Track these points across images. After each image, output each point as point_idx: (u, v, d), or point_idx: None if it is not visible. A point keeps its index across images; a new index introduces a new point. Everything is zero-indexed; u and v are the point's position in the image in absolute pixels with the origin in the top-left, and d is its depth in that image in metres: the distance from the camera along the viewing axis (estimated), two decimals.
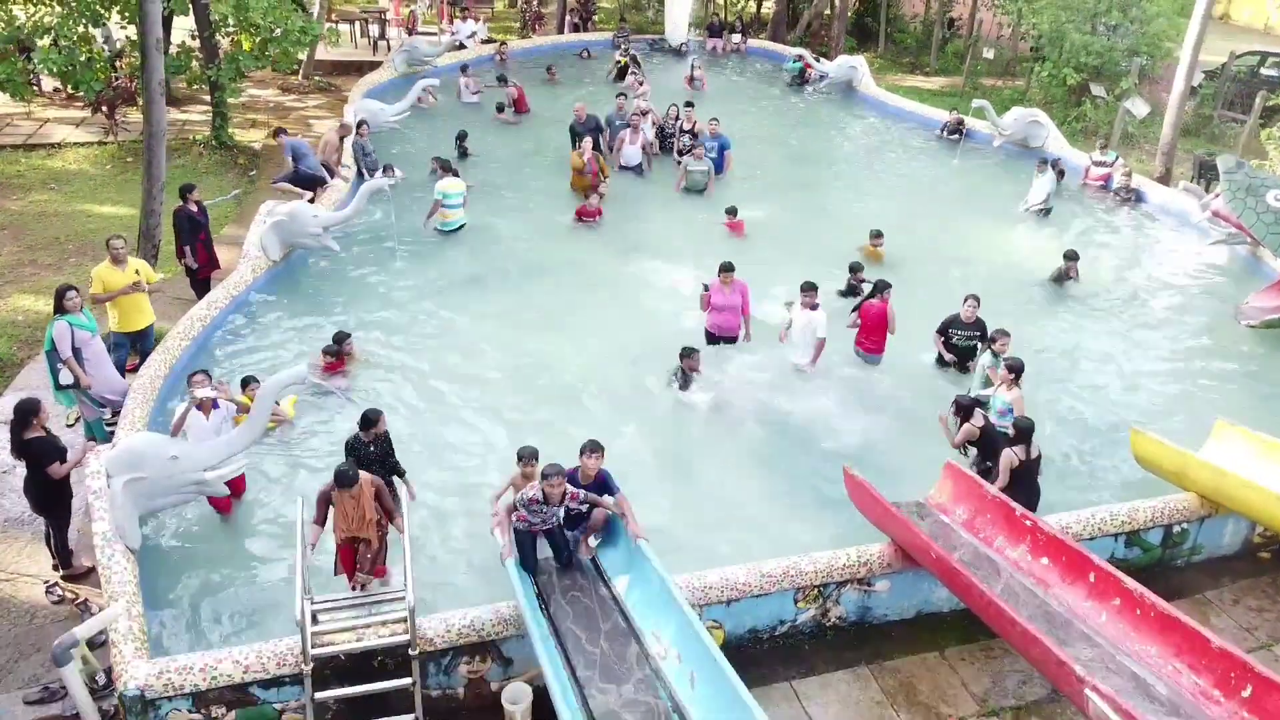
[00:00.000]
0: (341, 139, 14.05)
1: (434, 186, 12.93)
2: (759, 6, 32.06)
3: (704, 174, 14.76)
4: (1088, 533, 7.42)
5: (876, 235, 12.85)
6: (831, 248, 13.20)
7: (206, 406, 7.49)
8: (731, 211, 13.41)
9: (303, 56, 20.50)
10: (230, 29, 15.95)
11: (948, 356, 10.05)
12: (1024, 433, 7.96)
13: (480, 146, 16.32)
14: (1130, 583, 5.89)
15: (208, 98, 16.98)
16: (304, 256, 11.97)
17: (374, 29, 24.66)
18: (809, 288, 9.68)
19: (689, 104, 16.06)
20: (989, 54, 24.84)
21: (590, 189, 14.20)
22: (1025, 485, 7.86)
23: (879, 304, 9.95)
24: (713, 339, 10.30)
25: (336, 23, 24.62)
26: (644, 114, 15.68)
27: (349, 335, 9.65)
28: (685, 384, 9.56)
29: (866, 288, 10.73)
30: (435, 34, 24.60)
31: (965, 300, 9.77)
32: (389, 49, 22.19)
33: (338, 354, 9.42)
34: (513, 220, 13.73)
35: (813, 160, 17.34)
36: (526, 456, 7.07)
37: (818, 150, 17.99)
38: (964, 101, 23.04)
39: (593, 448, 6.82)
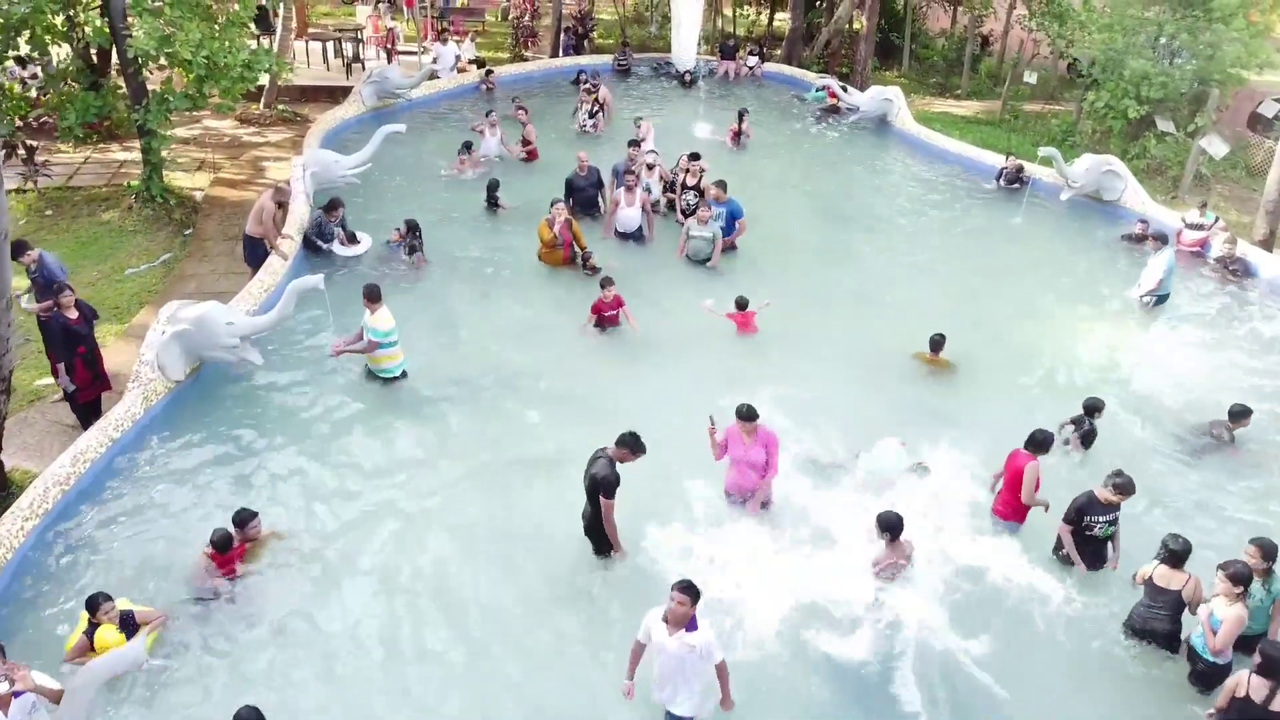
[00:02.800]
0: (279, 205, 11.38)
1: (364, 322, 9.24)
2: (771, 20, 29.50)
3: (708, 241, 11.99)
4: None
5: (938, 342, 10.05)
6: (873, 348, 10.56)
7: (4, 701, 5.02)
8: (741, 304, 10.61)
9: (264, 82, 17.99)
10: (160, 64, 13.31)
11: (1078, 561, 7.21)
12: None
13: (449, 207, 13.80)
14: None
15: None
16: (216, 372, 9.34)
17: (348, 48, 21.98)
18: (685, 588, 5.51)
19: (694, 155, 13.26)
20: (1030, 79, 22.30)
21: (564, 263, 11.78)
22: None
23: (1022, 456, 7.54)
24: (730, 498, 7.87)
25: (307, 41, 22.11)
26: (650, 167, 13.11)
27: (254, 515, 7.07)
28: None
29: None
30: (416, 52, 22.13)
31: (1108, 482, 7.04)
32: (365, 71, 19.55)
33: (227, 546, 6.83)
34: (488, 315, 11.07)
35: (843, 218, 14.47)
36: None
37: (849, 205, 15.07)
38: (1004, 131, 20.61)
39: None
